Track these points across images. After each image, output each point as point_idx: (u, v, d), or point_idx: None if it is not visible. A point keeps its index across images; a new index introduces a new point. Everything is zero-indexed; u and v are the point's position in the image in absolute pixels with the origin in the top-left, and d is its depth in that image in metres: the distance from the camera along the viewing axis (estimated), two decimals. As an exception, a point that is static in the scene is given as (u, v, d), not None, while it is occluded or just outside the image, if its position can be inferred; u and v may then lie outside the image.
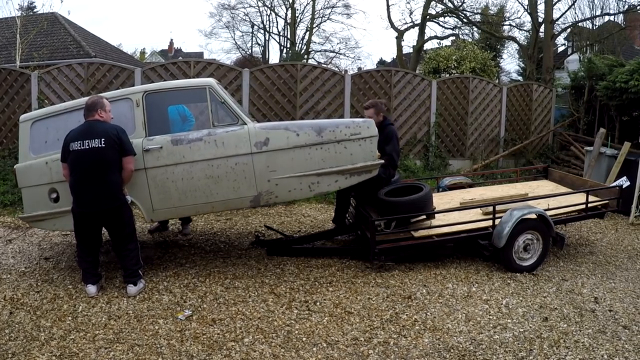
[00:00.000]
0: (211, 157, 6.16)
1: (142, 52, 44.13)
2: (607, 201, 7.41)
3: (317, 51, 41.96)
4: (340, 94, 12.44)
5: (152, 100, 6.33)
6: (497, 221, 6.65)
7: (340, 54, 42.21)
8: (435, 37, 27.42)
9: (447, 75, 16.21)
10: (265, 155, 6.20)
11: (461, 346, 4.83)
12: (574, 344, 4.89)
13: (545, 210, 6.79)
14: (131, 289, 5.90)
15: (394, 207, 6.75)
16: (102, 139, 5.63)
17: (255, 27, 42.49)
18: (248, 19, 42.09)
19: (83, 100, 6.29)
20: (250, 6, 41.77)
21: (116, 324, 5.17)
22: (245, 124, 6.27)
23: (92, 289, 5.87)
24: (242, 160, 6.19)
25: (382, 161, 6.64)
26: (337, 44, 48.53)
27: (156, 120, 6.41)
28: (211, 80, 6.46)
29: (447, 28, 27.87)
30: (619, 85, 11.77)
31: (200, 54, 49.26)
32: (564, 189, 8.16)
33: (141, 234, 8.07)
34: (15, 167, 6.43)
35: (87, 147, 5.62)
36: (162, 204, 6.25)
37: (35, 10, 27.57)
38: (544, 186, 8.55)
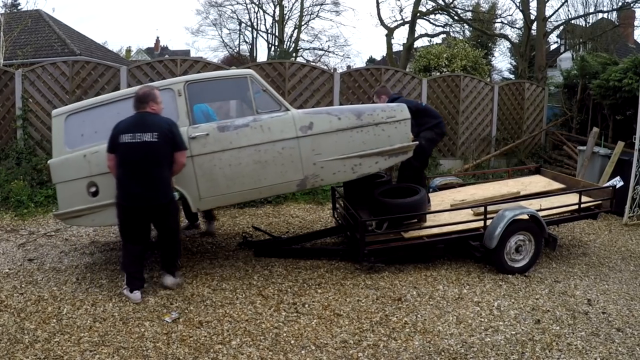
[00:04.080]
0: (258, 142, 6.25)
1: (128, 50, 43.84)
2: (600, 202, 7.38)
3: (306, 49, 41.75)
4: (329, 92, 12.34)
5: (193, 90, 6.37)
6: (488, 222, 6.60)
7: (329, 52, 41.97)
8: (426, 34, 27.34)
9: (438, 74, 16.12)
10: (311, 139, 6.36)
11: (452, 349, 4.79)
12: (566, 347, 4.86)
13: (538, 210, 6.75)
14: (168, 279, 5.92)
15: (393, 208, 6.70)
16: (155, 133, 5.54)
17: (243, 25, 42.20)
18: (235, 17, 41.73)
19: (119, 92, 6.41)
20: (238, 3, 41.21)
21: (101, 327, 5.11)
22: (289, 109, 6.42)
23: (137, 295, 5.71)
24: (288, 145, 6.31)
25: (417, 142, 6.87)
26: (326, 41, 48.26)
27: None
28: (251, 70, 6.60)
29: (438, 26, 27.88)
30: (613, 84, 11.73)
31: (187, 52, 49.05)
32: (556, 185, 8.11)
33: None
34: (49, 162, 6.32)
35: (139, 140, 5.52)
36: (210, 192, 6.26)
37: (19, 7, 27.37)
38: (536, 182, 8.50)
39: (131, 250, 5.79)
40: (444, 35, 27.21)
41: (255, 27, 41.89)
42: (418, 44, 27.11)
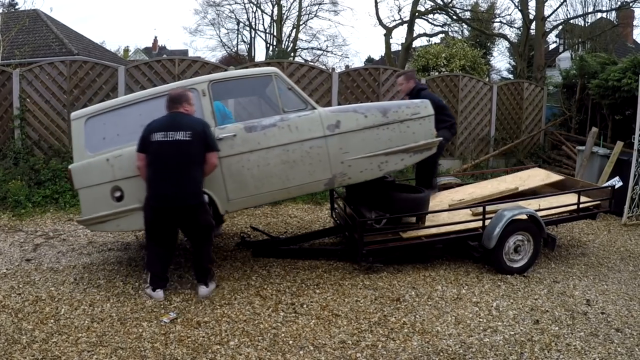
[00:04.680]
0: (286, 142, 6.20)
1: (126, 50, 43.61)
2: (599, 202, 7.37)
3: (304, 49, 41.79)
4: (327, 92, 12.31)
5: (218, 90, 6.34)
6: (487, 222, 6.59)
7: (328, 51, 41.98)
8: (425, 34, 27.37)
9: (437, 74, 16.09)
10: (338, 138, 6.32)
11: (451, 349, 4.78)
12: (565, 347, 4.85)
13: (536, 210, 6.74)
14: (203, 290, 5.82)
15: (398, 202, 6.66)
16: (189, 132, 5.50)
17: (241, 25, 42.20)
18: (234, 16, 41.77)
19: (141, 93, 6.32)
20: (236, 3, 41.15)
21: (99, 327, 5.09)
22: (315, 108, 6.39)
23: (160, 294, 5.73)
24: (316, 144, 6.27)
25: (441, 138, 6.88)
26: (325, 41, 48.14)
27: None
28: (275, 68, 6.55)
29: (437, 25, 27.77)
30: (612, 84, 11.73)
31: (185, 52, 48.96)
32: (555, 177, 8.10)
33: (125, 236, 7.96)
34: (70, 167, 6.13)
35: (172, 139, 5.47)
36: (238, 193, 6.21)
37: (16, 7, 27.26)
38: (534, 175, 8.48)
39: (156, 251, 5.78)
40: (443, 35, 27.20)
41: (254, 26, 41.91)
42: (416, 43, 27.18)
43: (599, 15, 24.11)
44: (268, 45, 41.62)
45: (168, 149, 5.47)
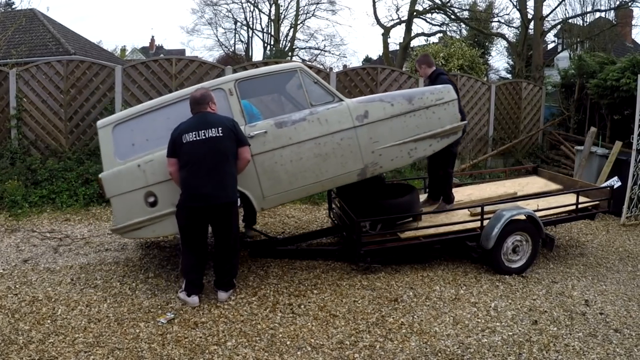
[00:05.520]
0: (317, 135, 6.25)
1: (123, 50, 43.47)
2: (597, 202, 7.35)
3: (302, 48, 41.57)
4: (325, 92, 12.28)
5: (244, 88, 6.35)
6: (485, 222, 6.58)
7: (325, 51, 41.84)
8: (422, 34, 27.31)
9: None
10: (367, 128, 6.38)
11: (449, 350, 4.77)
12: (564, 348, 4.84)
13: (535, 211, 6.73)
14: (223, 295, 5.76)
15: (381, 208, 6.69)
16: (220, 128, 5.52)
17: (238, 24, 41.99)
18: (231, 16, 41.56)
19: (166, 97, 6.30)
20: (233, 2, 41.03)
21: (96, 328, 5.08)
22: (342, 99, 6.46)
23: (195, 299, 5.66)
24: (347, 135, 6.33)
25: (466, 122, 7.04)
26: (322, 41, 48.01)
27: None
28: (300, 63, 6.62)
29: (435, 25, 27.69)
30: (610, 83, 11.72)
31: (182, 51, 48.91)
32: (554, 186, 8.10)
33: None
34: (100, 176, 6.10)
35: (205, 136, 5.48)
36: (273, 190, 6.25)
37: (13, 6, 27.15)
38: (533, 183, 8.48)
39: (192, 261, 5.73)
40: (441, 35, 27.16)
41: (251, 26, 41.74)
42: (414, 43, 27.15)
43: (597, 14, 24.14)
44: (265, 44, 41.48)
45: (201, 148, 5.47)
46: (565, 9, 27.20)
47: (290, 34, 40.45)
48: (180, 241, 5.93)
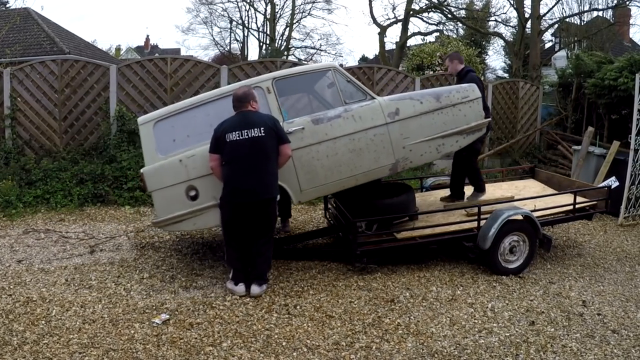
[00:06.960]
0: (352, 132, 6.50)
1: (118, 49, 43.45)
2: (595, 202, 7.33)
3: (298, 47, 41.65)
4: (322, 91, 12.28)
5: (281, 86, 6.59)
6: (482, 222, 6.56)
7: (322, 50, 41.91)
8: (419, 33, 27.29)
9: (431, 72, 16.06)
10: (398, 124, 6.63)
11: (445, 351, 4.75)
12: (561, 349, 4.82)
13: (532, 211, 6.71)
14: (255, 289, 5.88)
15: (376, 208, 6.70)
16: (262, 128, 5.73)
17: (234, 23, 42.02)
18: (226, 15, 41.62)
19: (206, 95, 6.52)
20: (229, 1, 41.17)
21: (91, 328, 5.06)
22: (374, 97, 6.68)
23: (242, 288, 5.88)
24: (379, 131, 6.57)
25: (490, 119, 7.30)
26: (318, 40, 48.29)
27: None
28: (334, 63, 6.94)
29: (431, 24, 27.70)
30: (608, 83, 11.71)
31: (177, 51, 48.98)
32: (551, 190, 8.07)
33: (116, 237, 7.90)
34: (142, 170, 6.34)
35: (247, 136, 5.69)
36: (309, 184, 6.49)
37: (7, 5, 27.13)
38: (530, 186, 8.47)
39: (234, 250, 5.98)
40: (437, 34, 27.18)
41: (247, 25, 41.77)
42: (411, 42, 27.12)
43: (595, 13, 24.19)
44: (261, 44, 41.48)
45: (244, 147, 5.68)
46: (563, 8, 27.14)
47: (286, 33, 40.53)
48: (222, 234, 6.18)
